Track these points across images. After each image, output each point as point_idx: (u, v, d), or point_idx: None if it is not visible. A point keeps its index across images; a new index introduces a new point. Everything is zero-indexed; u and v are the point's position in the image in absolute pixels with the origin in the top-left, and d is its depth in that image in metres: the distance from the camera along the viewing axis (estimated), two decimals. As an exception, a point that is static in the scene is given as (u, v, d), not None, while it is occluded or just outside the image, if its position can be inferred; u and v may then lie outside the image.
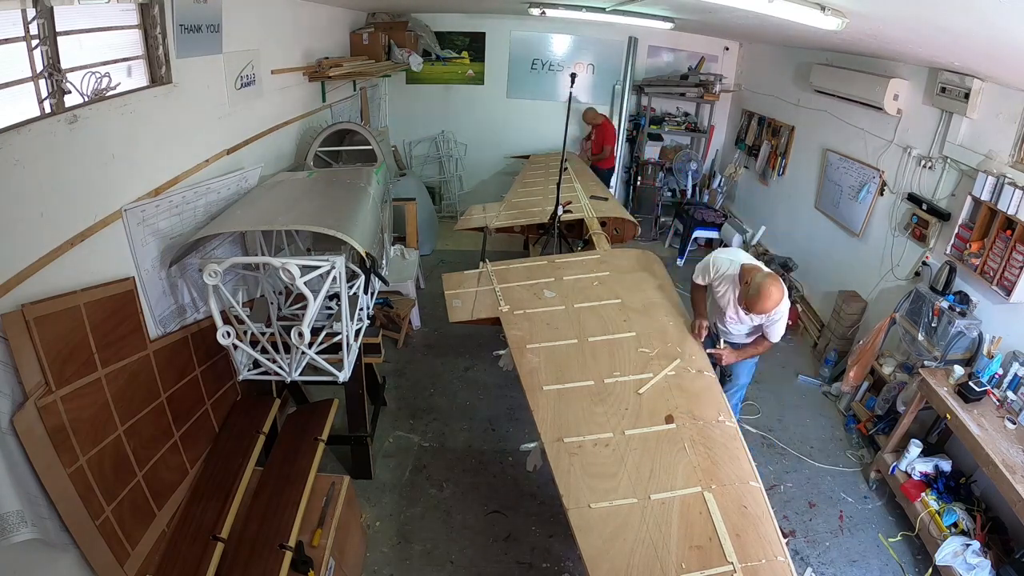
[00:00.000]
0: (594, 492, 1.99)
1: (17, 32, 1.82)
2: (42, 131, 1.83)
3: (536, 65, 6.67)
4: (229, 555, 2.14)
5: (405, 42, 5.75)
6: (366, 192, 3.14)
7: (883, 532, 3.10)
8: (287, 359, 2.52)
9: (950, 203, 3.49)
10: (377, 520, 3.04)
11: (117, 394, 2.09)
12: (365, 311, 2.96)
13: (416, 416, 3.78)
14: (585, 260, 3.60)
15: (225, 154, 3.00)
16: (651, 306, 3.04)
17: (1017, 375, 2.84)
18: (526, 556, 2.87)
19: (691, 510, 1.92)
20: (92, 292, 2.04)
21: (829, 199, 4.76)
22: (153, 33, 2.44)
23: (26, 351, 1.74)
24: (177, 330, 2.57)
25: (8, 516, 1.67)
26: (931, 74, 3.54)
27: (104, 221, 2.11)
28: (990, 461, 2.52)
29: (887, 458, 3.26)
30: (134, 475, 2.14)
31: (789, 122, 5.48)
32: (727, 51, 6.54)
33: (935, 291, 3.38)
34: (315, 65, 4.26)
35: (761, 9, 2.41)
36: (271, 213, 2.70)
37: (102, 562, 1.93)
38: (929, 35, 2.62)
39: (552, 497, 2.36)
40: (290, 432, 2.84)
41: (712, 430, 2.25)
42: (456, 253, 6.10)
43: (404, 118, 6.80)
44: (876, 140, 4.16)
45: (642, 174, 6.86)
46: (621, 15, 5.04)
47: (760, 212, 6.05)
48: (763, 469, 3.35)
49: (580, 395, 2.43)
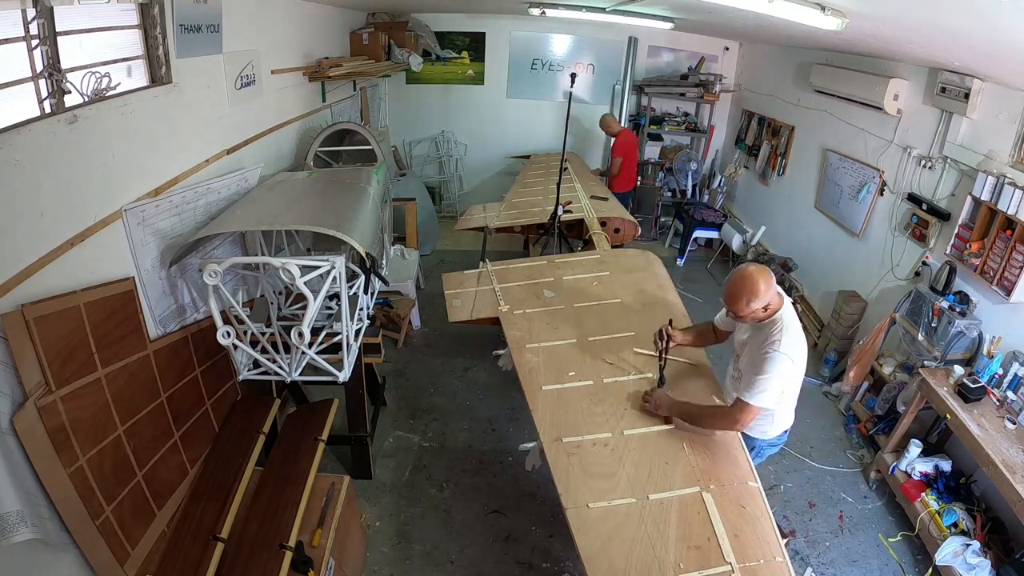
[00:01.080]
0: (593, 492, 1.99)
1: (17, 32, 1.82)
2: (42, 131, 1.83)
3: (536, 65, 6.67)
4: (229, 555, 2.14)
5: (405, 42, 5.75)
6: (366, 192, 3.14)
7: (883, 532, 3.10)
8: (287, 359, 2.52)
9: (950, 203, 3.49)
10: (377, 520, 3.04)
11: (117, 394, 2.09)
12: (365, 311, 2.96)
13: (416, 416, 3.78)
14: (585, 260, 3.60)
15: (225, 154, 3.00)
16: (651, 306, 3.04)
17: (1017, 375, 2.84)
18: (526, 556, 2.87)
19: (690, 510, 1.92)
20: (92, 292, 2.04)
21: (829, 199, 4.76)
22: (153, 33, 2.45)
23: (26, 351, 1.74)
24: (177, 330, 2.57)
25: (8, 516, 1.67)
26: (931, 74, 3.54)
27: (104, 221, 2.11)
28: (990, 461, 2.52)
29: (887, 458, 3.26)
30: (134, 475, 2.14)
31: (789, 122, 5.48)
32: (727, 51, 6.54)
33: (935, 291, 3.38)
34: (315, 65, 4.26)
35: (761, 9, 2.41)
36: (271, 213, 2.70)
37: (102, 562, 1.93)
38: (929, 35, 2.62)
39: (552, 497, 2.36)
40: (290, 432, 2.84)
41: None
42: (456, 253, 6.10)
43: (404, 118, 6.80)
44: (876, 140, 4.16)
45: (642, 174, 6.86)
46: (621, 15, 5.04)
47: (760, 212, 6.05)
48: (763, 469, 3.34)
49: (579, 395, 2.43)
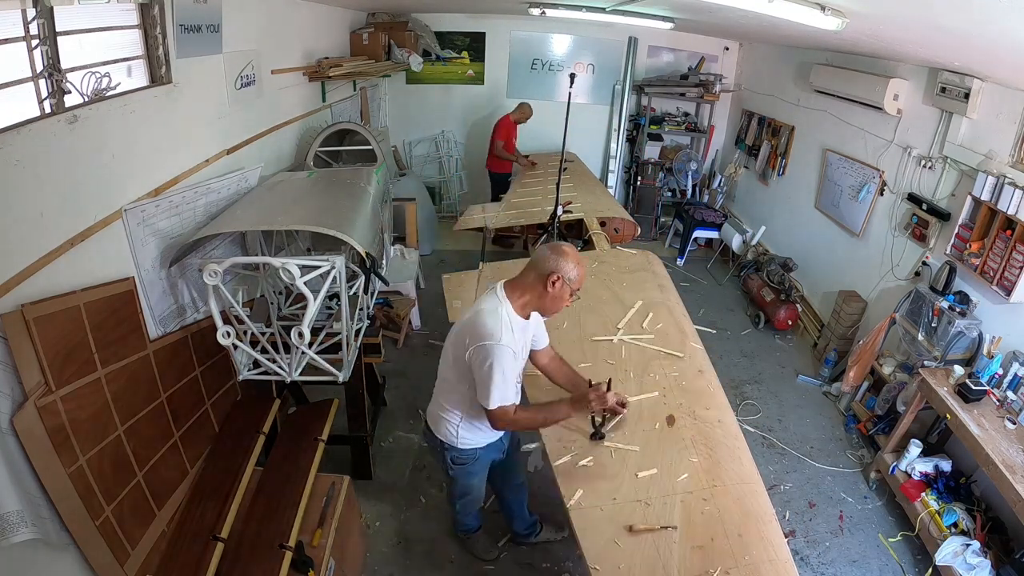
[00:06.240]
0: (596, 492, 1.99)
1: (17, 32, 1.82)
2: (42, 131, 1.83)
3: (536, 65, 6.67)
4: (229, 555, 2.14)
5: (405, 42, 5.75)
6: (366, 192, 3.14)
7: (883, 532, 3.10)
8: (287, 359, 2.52)
9: (950, 203, 3.49)
10: (377, 520, 3.04)
11: (117, 394, 2.09)
12: (365, 311, 2.96)
13: (416, 416, 3.77)
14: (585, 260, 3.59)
15: (225, 154, 3.00)
16: (651, 306, 3.04)
17: (1017, 375, 2.84)
18: (526, 556, 2.86)
19: (693, 510, 1.92)
20: (92, 292, 2.03)
21: (829, 199, 4.76)
22: (153, 33, 2.44)
23: (26, 351, 1.74)
24: (177, 330, 2.56)
25: (8, 516, 1.67)
26: (931, 74, 3.54)
27: (104, 221, 2.11)
28: (990, 461, 2.52)
29: (887, 458, 3.26)
30: (134, 475, 2.13)
31: (789, 122, 5.48)
32: (727, 51, 6.55)
33: (935, 291, 3.38)
34: (315, 65, 4.26)
35: (761, 9, 2.41)
36: (271, 213, 2.70)
37: (102, 562, 1.92)
38: (929, 35, 2.62)
39: (552, 497, 2.36)
40: (290, 432, 2.84)
41: (713, 430, 2.25)
42: (456, 253, 6.09)
43: (404, 118, 6.79)
44: (876, 140, 4.16)
45: (642, 174, 6.86)
46: (621, 15, 5.04)
47: (760, 212, 6.06)
48: (763, 469, 3.33)
49: (580, 395, 2.43)
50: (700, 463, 2.09)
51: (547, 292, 1.91)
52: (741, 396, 4.11)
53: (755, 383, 4.29)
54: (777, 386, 4.28)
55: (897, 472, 3.17)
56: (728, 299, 5.56)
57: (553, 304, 1.96)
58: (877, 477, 3.36)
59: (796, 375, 4.40)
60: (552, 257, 1.90)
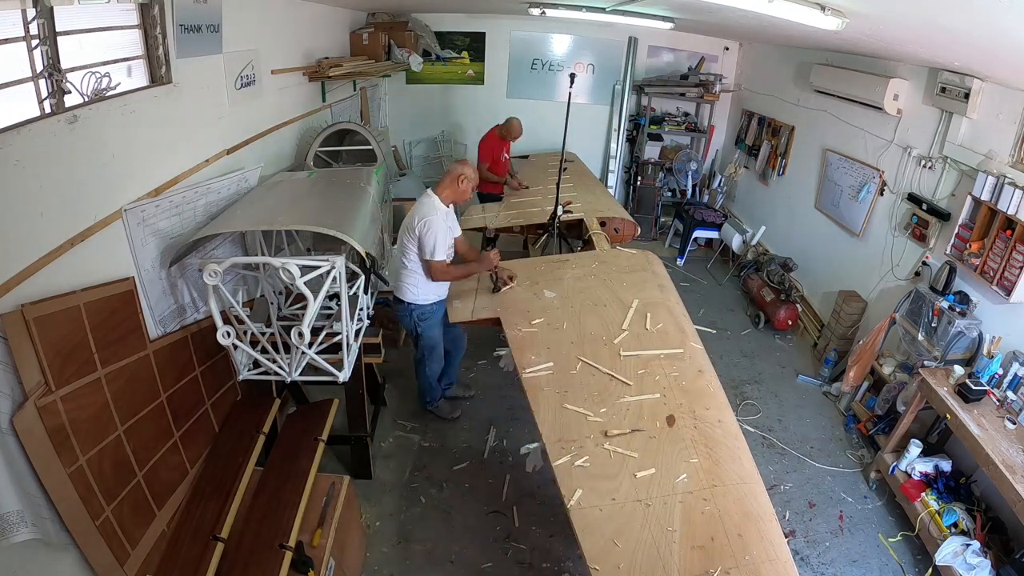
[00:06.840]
0: (596, 492, 1.99)
1: (17, 32, 1.83)
2: (42, 131, 1.83)
3: (536, 65, 6.67)
4: (229, 555, 2.14)
5: (405, 42, 5.75)
6: (366, 192, 3.14)
7: (883, 532, 3.10)
8: (287, 359, 2.52)
9: (950, 203, 3.49)
10: (377, 520, 3.04)
11: (117, 394, 2.09)
12: (365, 311, 2.96)
13: (416, 416, 3.77)
14: (585, 260, 3.59)
15: (225, 154, 3.00)
16: (651, 306, 3.04)
17: (1017, 375, 2.84)
18: (526, 556, 2.87)
19: (693, 510, 1.92)
20: (92, 292, 2.03)
21: (829, 199, 4.76)
22: (153, 33, 2.45)
23: (26, 351, 1.74)
24: (177, 330, 2.56)
25: (8, 516, 1.67)
26: (931, 74, 3.54)
27: (104, 221, 2.11)
28: (990, 461, 2.52)
29: (887, 458, 3.26)
30: (134, 475, 2.14)
31: (789, 122, 5.48)
32: (727, 51, 6.55)
33: (935, 291, 3.38)
34: (315, 65, 4.26)
35: (761, 9, 2.41)
36: (271, 213, 2.70)
37: (102, 562, 1.93)
38: (929, 35, 2.62)
39: (552, 497, 2.36)
40: (290, 432, 2.84)
41: (713, 430, 2.24)
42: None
43: (404, 118, 6.80)
44: (876, 140, 4.16)
45: (642, 174, 6.86)
46: (621, 15, 5.04)
47: (760, 212, 6.06)
48: (763, 469, 3.33)
49: (581, 395, 2.43)
50: (700, 463, 2.09)
51: (458, 187, 3.05)
52: (741, 396, 4.11)
53: (755, 383, 4.29)
54: (777, 386, 4.28)
55: (897, 472, 3.17)
56: (728, 299, 5.56)
57: (462, 196, 3.10)
58: (877, 477, 3.36)
59: (796, 375, 4.40)
60: (458, 166, 3.07)
